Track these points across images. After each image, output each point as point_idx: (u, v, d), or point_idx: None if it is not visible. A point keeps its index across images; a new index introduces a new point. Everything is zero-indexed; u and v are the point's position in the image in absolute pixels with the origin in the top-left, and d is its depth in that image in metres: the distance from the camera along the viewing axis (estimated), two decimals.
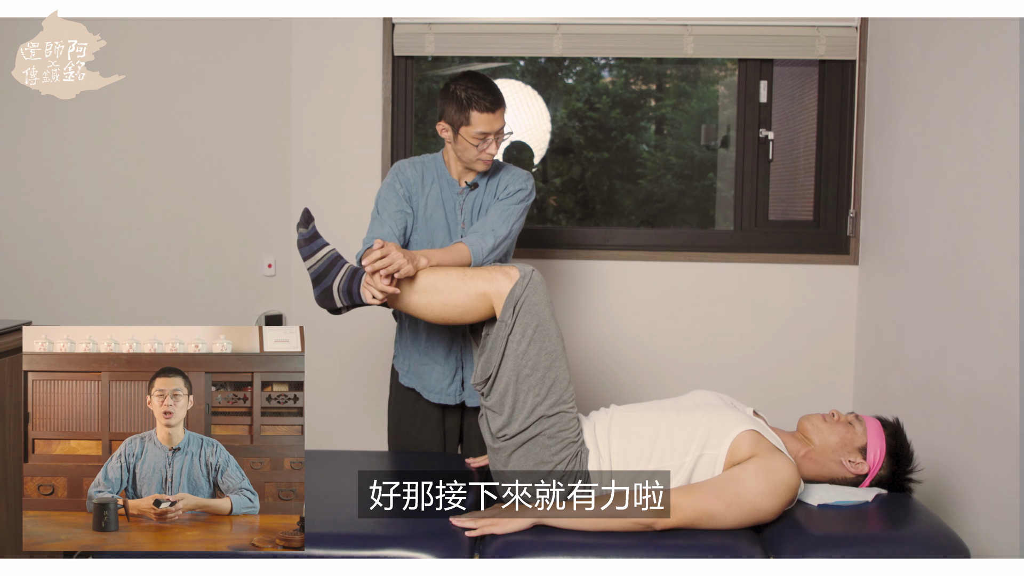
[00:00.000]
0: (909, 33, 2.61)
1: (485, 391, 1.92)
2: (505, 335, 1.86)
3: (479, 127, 2.15)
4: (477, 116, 2.15)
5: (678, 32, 3.00)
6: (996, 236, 2.06)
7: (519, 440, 1.85)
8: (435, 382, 2.31)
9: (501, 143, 2.21)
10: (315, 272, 1.98)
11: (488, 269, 1.94)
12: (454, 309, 1.93)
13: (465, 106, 2.15)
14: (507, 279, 1.89)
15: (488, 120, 2.15)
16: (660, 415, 1.90)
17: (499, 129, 2.18)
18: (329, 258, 1.98)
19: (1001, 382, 2.02)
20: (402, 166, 2.30)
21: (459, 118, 2.16)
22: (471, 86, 2.15)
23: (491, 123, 2.16)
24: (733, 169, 3.20)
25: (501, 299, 1.88)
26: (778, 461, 1.77)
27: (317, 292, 2.00)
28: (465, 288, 1.92)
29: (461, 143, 2.20)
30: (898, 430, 1.94)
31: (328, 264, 1.98)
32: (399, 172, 2.28)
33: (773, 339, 3.11)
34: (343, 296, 1.97)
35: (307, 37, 3.10)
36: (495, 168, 2.32)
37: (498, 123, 2.17)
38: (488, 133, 2.16)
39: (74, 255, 2.86)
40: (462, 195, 2.28)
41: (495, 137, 2.18)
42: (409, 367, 2.34)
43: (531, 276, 1.88)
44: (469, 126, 2.16)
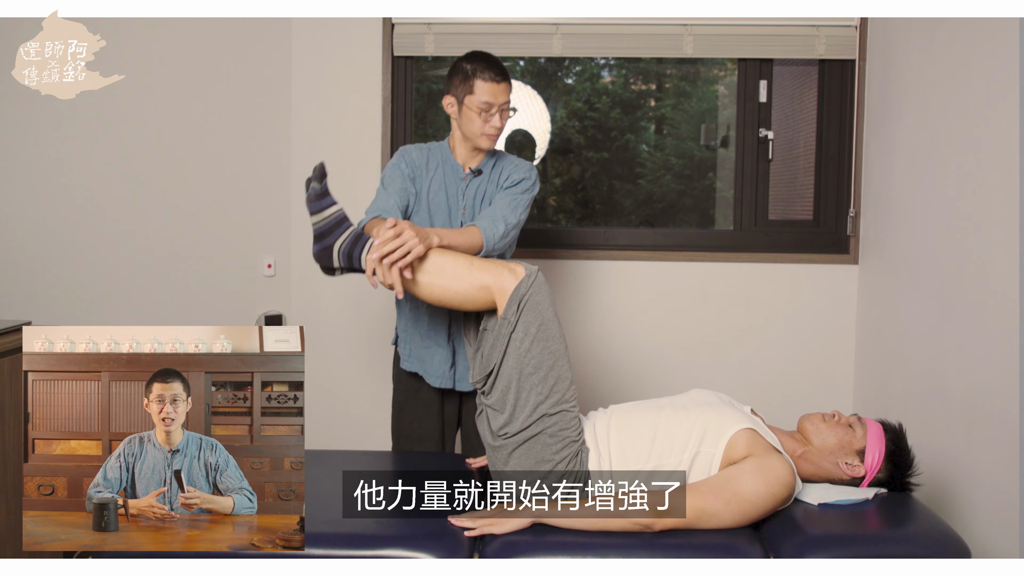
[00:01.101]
0: (909, 33, 2.61)
1: (485, 389, 1.92)
2: (508, 332, 1.86)
3: (483, 96, 2.18)
4: (481, 84, 2.18)
5: (678, 32, 3.00)
6: (996, 235, 2.06)
7: (520, 438, 1.85)
8: (437, 365, 2.32)
9: (507, 119, 2.23)
10: (319, 229, 1.97)
11: (494, 263, 1.93)
12: (454, 296, 1.93)
13: (470, 75, 2.19)
14: (512, 276, 1.88)
15: (492, 90, 2.18)
16: (658, 414, 1.90)
17: (504, 103, 2.21)
18: (336, 217, 1.97)
19: (1001, 382, 2.02)
20: (408, 149, 2.32)
21: (464, 88, 2.20)
22: (477, 60, 2.20)
23: (495, 94, 2.19)
24: (733, 169, 3.20)
25: (504, 295, 1.88)
26: (774, 460, 1.78)
27: (316, 248, 1.99)
28: (469, 277, 1.91)
29: (466, 115, 2.22)
30: (899, 435, 1.93)
31: (334, 223, 1.97)
32: (405, 154, 2.30)
33: (773, 339, 3.11)
34: (343, 258, 1.96)
35: (307, 37, 3.10)
36: (498, 157, 2.34)
37: (502, 96, 2.20)
38: (492, 104, 2.19)
39: (74, 255, 2.86)
40: (465, 181, 2.29)
41: (500, 111, 2.21)
42: (411, 351, 2.35)
43: (536, 275, 1.88)
44: (473, 95, 2.19)
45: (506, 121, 2.24)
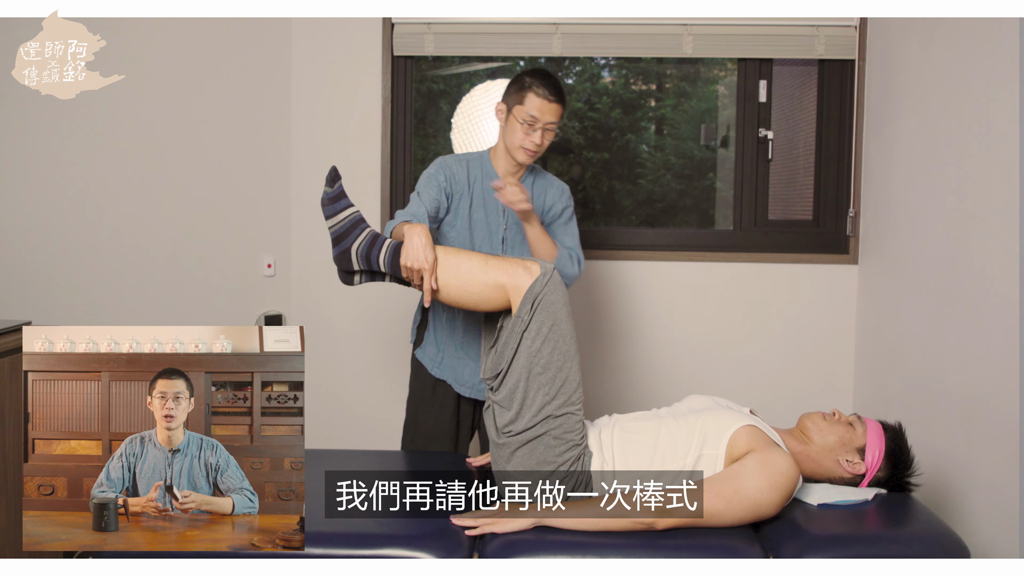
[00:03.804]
0: (909, 33, 2.61)
1: (495, 385, 1.92)
2: (520, 331, 1.85)
3: (532, 110, 2.21)
4: (533, 98, 2.21)
5: (678, 32, 3.00)
6: (996, 235, 2.06)
7: (524, 438, 1.85)
8: (468, 376, 2.34)
9: (549, 140, 2.26)
10: (336, 232, 1.98)
11: (509, 261, 1.92)
12: (470, 296, 1.93)
13: (525, 87, 2.22)
14: (527, 274, 1.87)
15: (542, 107, 2.21)
16: (659, 424, 1.89)
17: (550, 123, 2.23)
18: (352, 219, 1.98)
19: (1001, 382, 2.02)
20: (447, 161, 2.32)
21: (516, 96, 2.23)
22: (540, 76, 2.23)
23: (543, 111, 2.21)
24: (733, 169, 3.20)
25: (519, 293, 1.87)
26: (776, 455, 1.77)
27: (336, 252, 2.00)
28: (484, 277, 1.90)
29: (511, 123, 2.24)
30: (899, 434, 1.93)
31: (350, 225, 1.98)
32: (444, 166, 2.30)
33: (773, 339, 3.11)
34: (361, 260, 1.97)
35: (307, 37, 3.10)
36: (536, 175, 2.38)
37: (550, 115, 2.22)
38: (538, 120, 2.21)
39: (74, 255, 2.86)
40: None
41: (544, 129, 2.23)
42: (443, 359, 2.35)
43: (551, 274, 1.87)
44: (523, 106, 2.21)
45: (548, 141, 2.27)
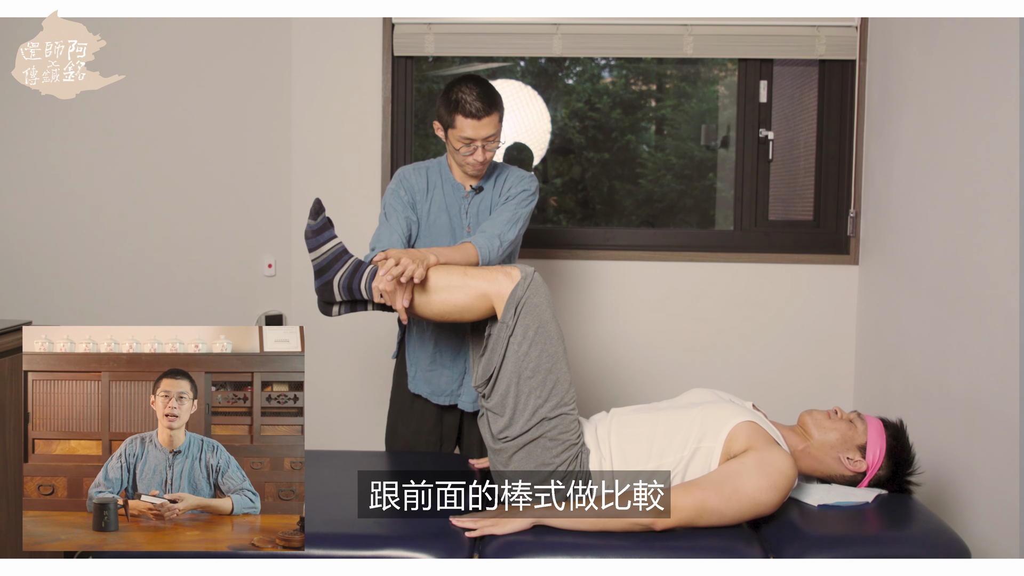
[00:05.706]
0: (909, 33, 2.61)
1: (486, 392, 1.92)
2: (506, 336, 1.86)
3: (463, 131, 2.14)
4: (461, 120, 2.14)
5: (678, 32, 3.00)
6: (996, 235, 2.06)
7: (520, 442, 1.85)
8: (444, 385, 2.31)
9: (492, 151, 2.19)
10: (319, 264, 1.98)
11: (489, 269, 1.93)
12: (454, 308, 1.93)
13: (453, 108, 2.14)
14: (508, 280, 1.88)
15: (473, 126, 2.13)
16: (657, 415, 1.90)
17: (488, 136, 2.16)
18: (335, 252, 1.97)
19: (1001, 382, 2.02)
20: (406, 172, 2.29)
21: (447, 120, 2.17)
22: (464, 89, 2.14)
23: (476, 129, 2.14)
24: (733, 169, 3.20)
25: (502, 299, 1.88)
26: (775, 454, 1.76)
27: (318, 284, 2.00)
28: (466, 287, 1.91)
29: (450, 144, 2.20)
30: (900, 431, 1.93)
31: (333, 257, 1.97)
32: (403, 179, 2.27)
33: (773, 339, 3.11)
34: (343, 291, 1.97)
35: (307, 37, 3.10)
36: (499, 170, 2.32)
37: (485, 130, 2.14)
38: (473, 139, 2.15)
39: (74, 255, 2.86)
40: (467, 199, 2.28)
41: (483, 144, 2.16)
42: (416, 373, 2.33)
43: (532, 277, 1.88)
44: (455, 129, 2.16)
45: (492, 153, 2.20)
